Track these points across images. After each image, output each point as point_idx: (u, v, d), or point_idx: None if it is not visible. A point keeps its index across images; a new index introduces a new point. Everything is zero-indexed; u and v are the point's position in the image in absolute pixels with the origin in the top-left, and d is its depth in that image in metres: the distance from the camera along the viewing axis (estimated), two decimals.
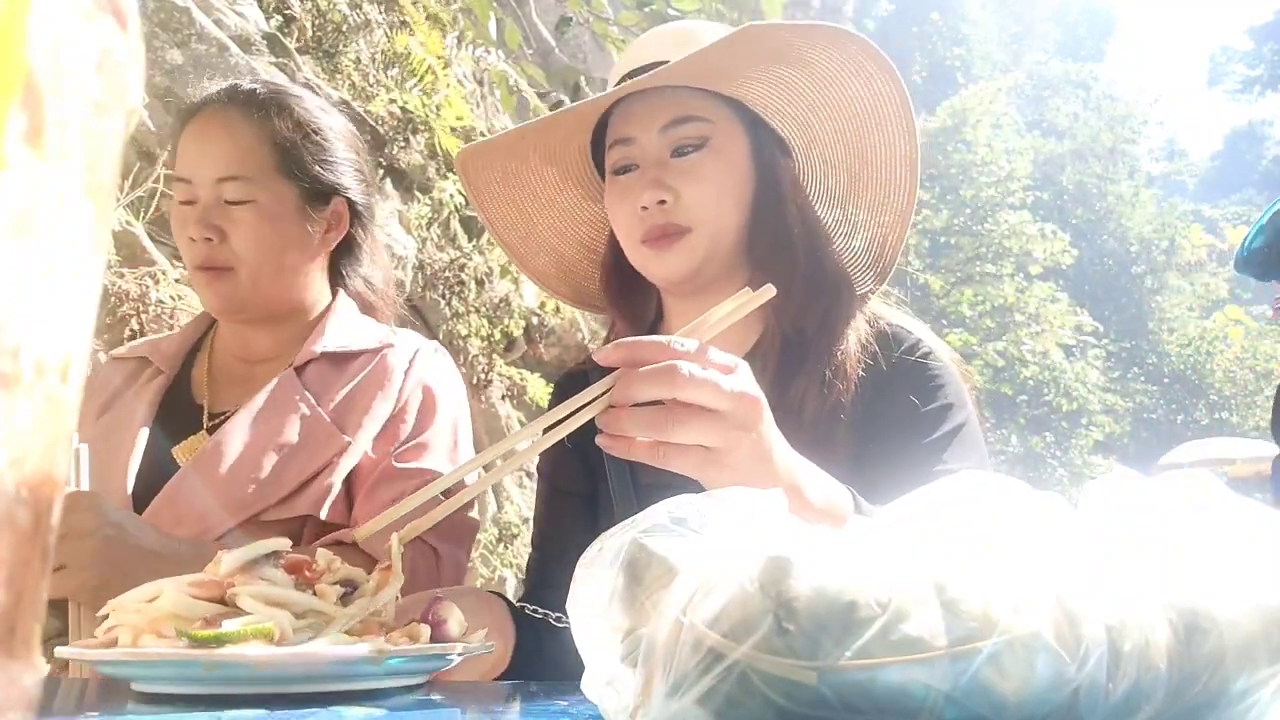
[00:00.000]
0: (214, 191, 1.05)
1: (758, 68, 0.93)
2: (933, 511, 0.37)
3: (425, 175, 3.52)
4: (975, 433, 0.91)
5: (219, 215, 1.04)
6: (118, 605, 0.62)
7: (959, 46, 21.32)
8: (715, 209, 0.92)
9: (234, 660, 0.55)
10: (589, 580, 0.39)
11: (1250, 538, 0.36)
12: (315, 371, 1.08)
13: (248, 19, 2.92)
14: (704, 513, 0.40)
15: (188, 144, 1.07)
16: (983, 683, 0.31)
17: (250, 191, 1.05)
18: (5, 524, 0.22)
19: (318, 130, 1.10)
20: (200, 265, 1.05)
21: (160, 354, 1.14)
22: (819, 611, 0.31)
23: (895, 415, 0.90)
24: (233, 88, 1.11)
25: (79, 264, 0.24)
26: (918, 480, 0.84)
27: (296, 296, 1.12)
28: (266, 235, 1.06)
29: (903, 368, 0.92)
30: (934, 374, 0.92)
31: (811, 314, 0.94)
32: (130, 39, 0.25)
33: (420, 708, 0.58)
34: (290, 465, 1.00)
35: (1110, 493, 0.41)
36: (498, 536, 3.56)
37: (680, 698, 0.32)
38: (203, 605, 0.59)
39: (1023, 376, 14.05)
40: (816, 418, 0.90)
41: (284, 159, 1.07)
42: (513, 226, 1.08)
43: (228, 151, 1.05)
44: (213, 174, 1.05)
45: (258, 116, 1.07)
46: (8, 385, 0.21)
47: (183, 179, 1.07)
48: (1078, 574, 0.33)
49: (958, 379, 0.94)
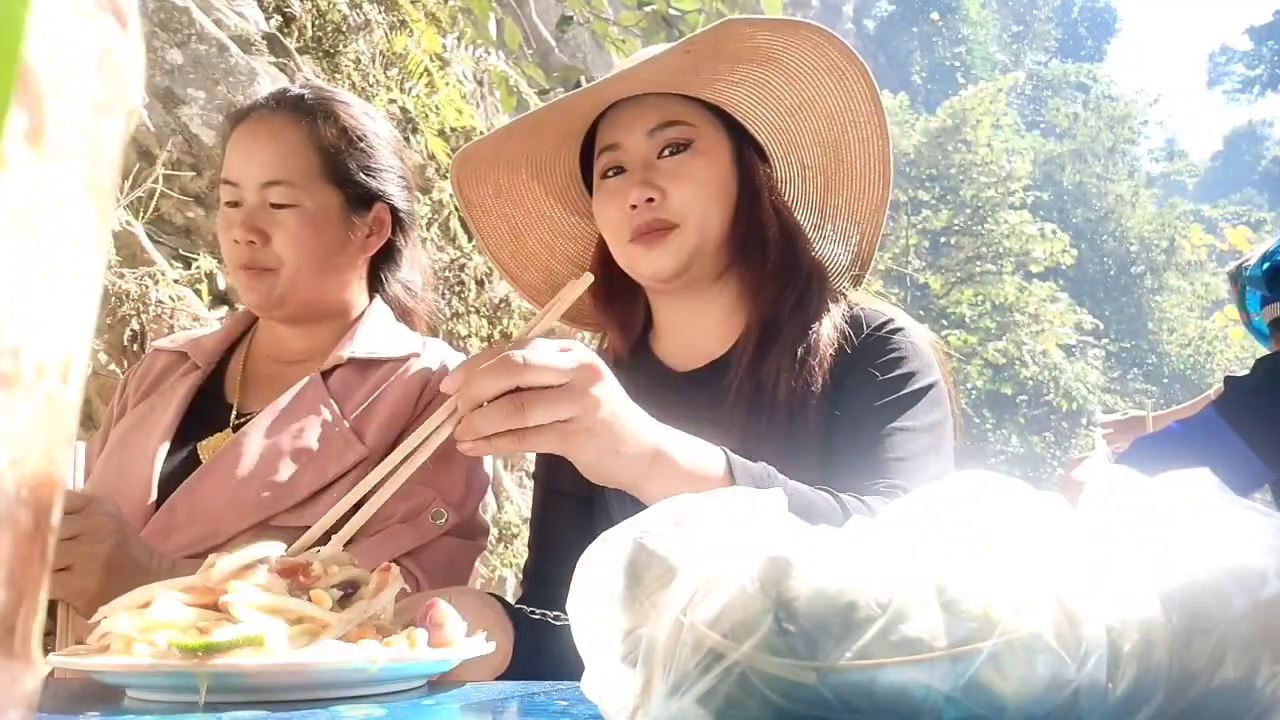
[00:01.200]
0: (259, 195, 1.06)
1: (737, 69, 0.97)
2: (933, 511, 0.37)
3: (424, 175, 3.52)
4: (937, 399, 0.94)
5: (264, 218, 1.06)
6: (111, 611, 0.61)
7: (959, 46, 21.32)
8: (701, 206, 0.96)
9: (223, 670, 0.54)
10: (589, 580, 0.39)
11: (1250, 537, 0.36)
12: (341, 377, 1.09)
13: (247, 19, 2.92)
14: (704, 513, 0.40)
15: (235, 148, 1.09)
16: (983, 683, 0.31)
17: (295, 196, 1.06)
18: (5, 524, 0.22)
19: (363, 136, 1.12)
20: (243, 265, 1.07)
21: (199, 349, 1.16)
22: (819, 612, 0.31)
23: (855, 385, 0.94)
24: (280, 93, 1.12)
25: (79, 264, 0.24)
26: (865, 439, 0.89)
27: (335, 299, 1.13)
28: (309, 239, 1.07)
29: (868, 343, 0.96)
30: (896, 345, 0.96)
31: (784, 303, 0.99)
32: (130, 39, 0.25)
33: (420, 708, 0.58)
34: (306, 472, 1.00)
35: (1110, 492, 0.41)
36: (498, 536, 3.56)
37: (680, 697, 0.32)
38: (194, 612, 0.59)
39: (1022, 376, 14.06)
40: (790, 398, 0.95)
41: (329, 164, 1.09)
42: (504, 243, 1.12)
43: (274, 156, 1.07)
44: (258, 178, 1.06)
45: (305, 122, 1.08)
46: (8, 385, 0.21)
47: (229, 182, 1.08)
48: (1078, 574, 0.33)
49: (926, 352, 0.97)
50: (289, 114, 1.09)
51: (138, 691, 0.61)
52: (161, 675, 0.56)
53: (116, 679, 0.61)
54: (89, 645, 0.62)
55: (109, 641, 0.60)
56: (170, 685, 0.57)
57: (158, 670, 0.56)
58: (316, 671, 0.57)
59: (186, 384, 1.11)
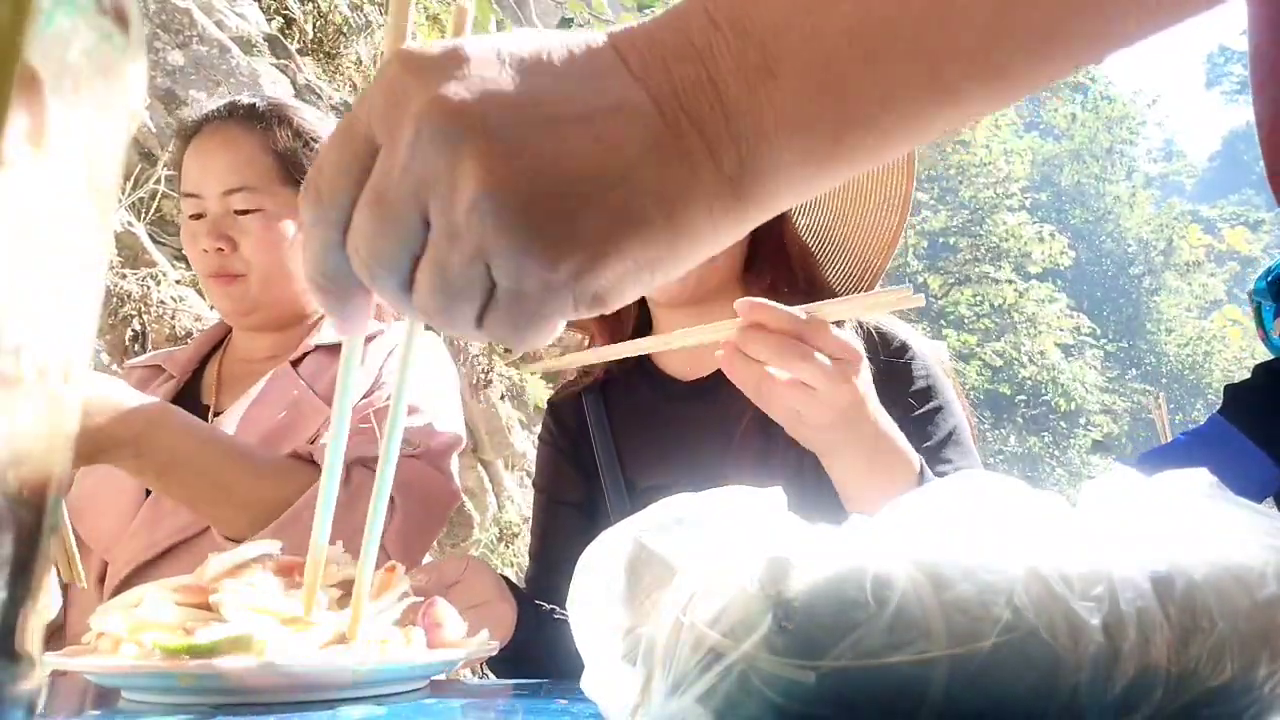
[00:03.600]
0: (222, 204, 1.08)
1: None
2: (933, 511, 0.37)
3: None
4: (966, 431, 0.96)
5: (229, 225, 1.08)
6: (104, 610, 0.61)
7: None
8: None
9: (203, 671, 0.53)
10: (589, 579, 0.39)
11: (1249, 537, 0.36)
12: (311, 363, 1.12)
13: (249, 20, 2.92)
14: (704, 512, 0.40)
15: (192, 160, 1.11)
16: (982, 682, 0.31)
17: (257, 200, 1.08)
18: (6, 523, 0.22)
19: (317, 139, 1.14)
20: (213, 274, 1.09)
21: (173, 361, 1.19)
22: (819, 611, 0.31)
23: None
24: (232, 103, 1.14)
25: (80, 265, 0.24)
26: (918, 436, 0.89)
27: (305, 299, 1.15)
28: (276, 242, 1.09)
29: (890, 370, 0.95)
30: (922, 375, 0.96)
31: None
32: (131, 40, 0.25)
33: (421, 707, 0.58)
34: (282, 442, 1.03)
35: (1109, 491, 0.41)
36: (498, 536, 3.56)
37: (680, 696, 0.32)
38: (182, 612, 0.58)
39: (1021, 376, 14.07)
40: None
41: (286, 167, 1.11)
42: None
43: (232, 164, 1.09)
44: (219, 186, 1.08)
45: (259, 128, 1.10)
46: (9, 385, 0.21)
47: (191, 194, 1.10)
48: (1077, 572, 0.33)
49: (944, 378, 0.97)
50: (242, 122, 1.11)
51: (130, 692, 0.61)
52: (145, 676, 0.55)
53: (103, 679, 0.61)
54: (84, 644, 0.62)
55: (98, 643, 0.60)
56: (156, 686, 0.57)
57: (138, 671, 0.55)
58: (301, 674, 0.56)
59: (162, 392, 1.13)
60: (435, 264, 0.34)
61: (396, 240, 0.34)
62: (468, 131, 0.32)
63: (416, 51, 0.34)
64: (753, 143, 0.34)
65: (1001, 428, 14.45)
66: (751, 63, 0.33)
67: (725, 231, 0.36)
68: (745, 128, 0.34)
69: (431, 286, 0.34)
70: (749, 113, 0.34)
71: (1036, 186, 17.32)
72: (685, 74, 0.34)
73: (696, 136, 0.34)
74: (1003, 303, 13.92)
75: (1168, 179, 28.12)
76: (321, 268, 0.37)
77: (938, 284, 14.36)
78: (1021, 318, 14.03)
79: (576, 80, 0.34)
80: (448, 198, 0.33)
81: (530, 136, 0.32)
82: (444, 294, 0.34)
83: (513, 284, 0.34)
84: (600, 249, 0.33)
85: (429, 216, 0.34)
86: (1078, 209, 18.84)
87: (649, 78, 0.34)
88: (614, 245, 0.34)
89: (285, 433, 1.04)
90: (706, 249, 0.36)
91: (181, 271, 2.35)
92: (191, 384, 1.17)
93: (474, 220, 0.32)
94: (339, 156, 0.35)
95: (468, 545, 3.29)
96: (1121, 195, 18.75)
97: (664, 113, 0.34)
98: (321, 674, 0.56)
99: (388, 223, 0.34)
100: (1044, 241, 13.97)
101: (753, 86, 0.34)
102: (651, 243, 0.34)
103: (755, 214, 0.37)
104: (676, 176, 0.34)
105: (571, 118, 0.33)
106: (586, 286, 0.34)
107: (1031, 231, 14.06)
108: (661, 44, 0.34)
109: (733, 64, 0.34)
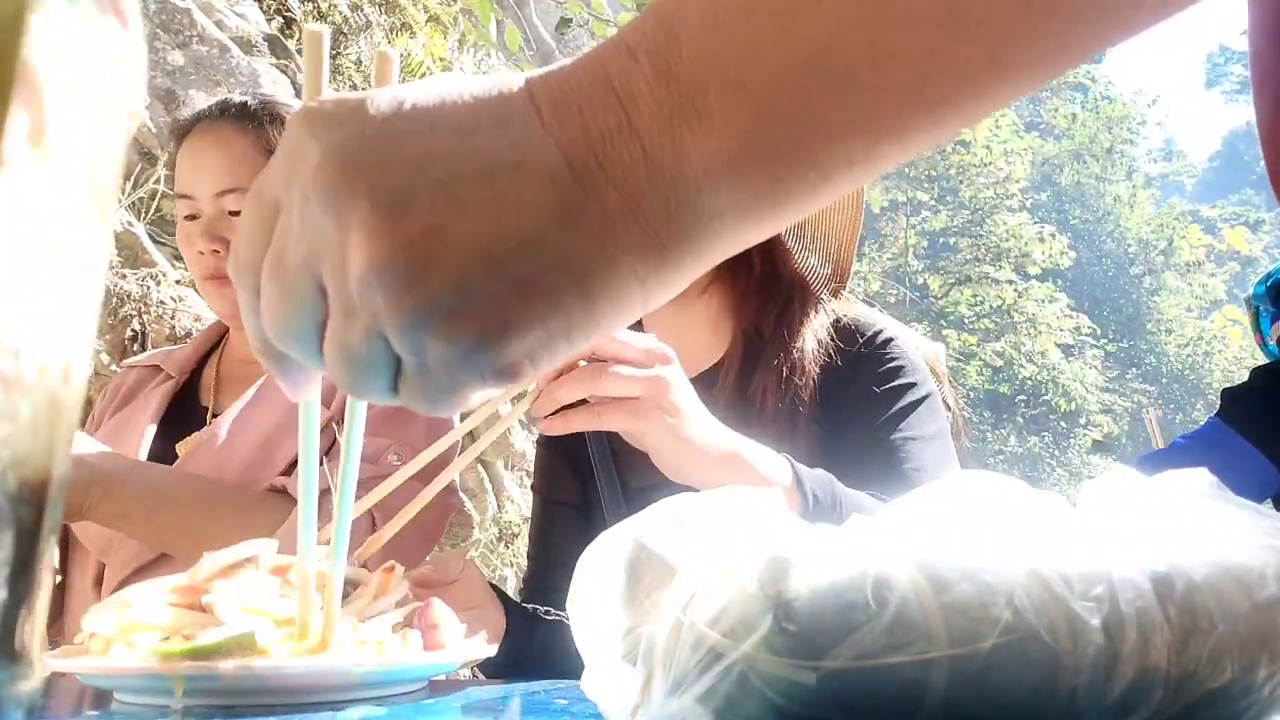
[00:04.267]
0: (216, 205, 1.08)
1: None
2: (932, 511, 0.37)
3: None
4: (936, 407, 0.95)
5: (223, 227, 1.07)
6: (96, 611, 0.61)
7: None
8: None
9: (197, 673, 0.53)
10: (589, 580, 0.39)
11: (1249, 537, 0.36)
12: None
13: (249, 20, 2.92)
14: (704, 512, 0.40)
15: (185, 161, 1.10)
16: (982, 683, 0.31)
17: None
18: (7, 523, 0.22)
19: None
20: (209, 276, 1.09)
21: (172, 361, 1.19)
22: (819, 611, 0.31)
23: (856, 401, 0.94)
24: (224, 102, 1.14)
25: (80, 265, 0.24)
26: (879, 454, 0.89)
27: None
28: None
29: (863, 357, 0.96)
30: (892, 357, 0.96)
31: (767, 315, 0.99)
32: (131, 40, 0.25)
33: (421, 708, 0.58)
34: (282, 445, 1.03)
35: (1109, 492, 0.41)
36: (498, 536, 3.56)
37: (680, 696, 0.32)
38: (174, 613, 0.58)
39: (1021, 376, 14.06)
40: (776, 413, 0.95)
41: None
42: None
43: (225, 164, 1.08)
44: (212, 188, 1.07)
45: (251, 127, 1.10)
46: (10, 386, 0.21)
47: (184, 195, 1.09)
48: (1077, 573, 0.33)
49: (919, 361, 0.98)
50: (235, 122, 1.10)
51: (120, 692, 0.60)
52: (135, 678, 0.55)
53: (92, 681, 0.60)
54: (77, 645, 0.62)
55: (93, 641, 0.59)
56: (148, 688, 0.57)
57: (126, 673, 0.55)
58: (300, 676, 0.55)
59: (161, 393, 1.14)
60: (336, 337, 0.32)
61: (297, 308, 0.33)
62: (353, 196, 0.30)
63: (317, 107, 0.32)
64: (680, 193, 0.31)
65: (1001, 428, 14.45)
66: (676, 103, 0.30)
67: (657, 291, 0.33)
68: (671, 176, 0.31)
69: (336, 359, 0.33)
70: (674, 160, 0.31)
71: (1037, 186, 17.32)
72: (602, 121, 0.31)
73: (614, 192, 0.31)
74: (1003, 303, 13.92)
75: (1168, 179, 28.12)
76: (254, 335, 0.36)
77: (938, 284, 14.36)
78: (1021, 318, 14.03)
79: (483, 133, 0.31)
80: (339, 269, 0.31)
81: (420, 201, 0.30)
82: (350, 367, 0.32)
83: (415, 358, 0.32)
84: (499, 322, 0.31)
85: (324, 285, 0.32)
86: (1078, 209, 18.84)
87: (561, 127, 0.31)
88: (516, 317, 0.31)
89: (286, 434, 1.04)
90: (637, 310, 0.33)
91: (181, 271, 2.35)
92: (190, 384, 1.17)
93: (365, 294, 0.30)
94: (249, 221, 0.34)
95: (467, 545, 3.29)
96: (1121, 195, 18.74)
97: (574, 168, 0.30)
98: (321, 675, 0.56)
99: (285, 291, 0.32)
100: (1044, 241, 13.97)
101: (677, 130, 0.30)
102: (562, 312, 0.31)
103: (693, 267, 0.33)
104: (588, 242, 0.31)
105: (468, 176, 0.30)
106: (492, 360, 0.31)
107: (1032, 231, 14.06)
108: (576, 88, 0.31)
109: (654, 107, 0.30)
